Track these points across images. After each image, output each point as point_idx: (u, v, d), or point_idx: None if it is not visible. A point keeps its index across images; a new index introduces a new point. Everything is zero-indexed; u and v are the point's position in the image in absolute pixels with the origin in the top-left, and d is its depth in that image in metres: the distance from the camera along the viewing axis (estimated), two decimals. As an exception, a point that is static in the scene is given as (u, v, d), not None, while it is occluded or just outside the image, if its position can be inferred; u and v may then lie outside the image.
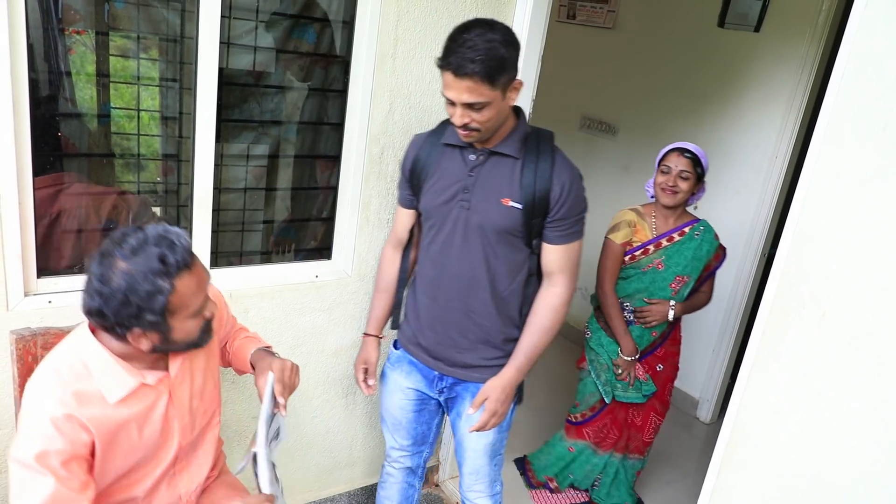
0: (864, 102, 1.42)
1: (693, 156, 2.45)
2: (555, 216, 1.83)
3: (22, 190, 1.74)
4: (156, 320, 1.38)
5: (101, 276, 1.35)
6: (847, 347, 1.46)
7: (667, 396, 2.72)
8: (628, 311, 2.61)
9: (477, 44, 1.62)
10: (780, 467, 1.60)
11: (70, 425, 1.36)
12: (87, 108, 1.95)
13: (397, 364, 2.08)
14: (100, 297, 1.34)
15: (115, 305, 1.34)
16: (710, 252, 2.57)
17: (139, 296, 1.35)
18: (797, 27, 3.22)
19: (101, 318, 1.37)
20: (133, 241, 1.36)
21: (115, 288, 1.34)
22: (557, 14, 4.31)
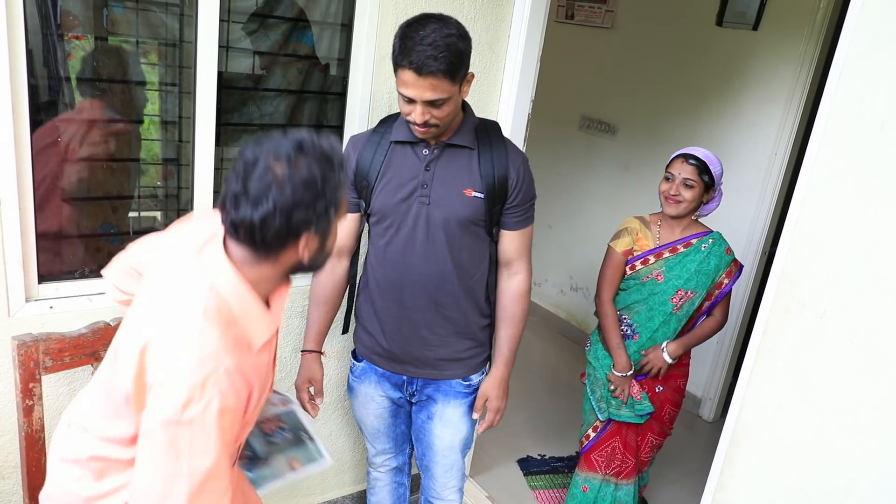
0: (861, 100, 1.42)
1: (699, 163, 2.29)
2: (512, 202, 1.85)
3: (22, 195, 1.74)
4: (332, 218, 1.25)
5: (280, 175, 1.17)
6: (848, 345, 1.46)
7: (665, 419, 2.54)
8: (626, 324, 2.47)
9: (436, 40, 1.60)
10: (782, 465, 1.60)
11: (239, 378, 1.22)
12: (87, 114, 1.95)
13: (363, 375, 2.04)
14: (279, 195, 1.16)
15: (301, 200, 1.17)
16: (720, 267, 2.37)
17: (331, 186, 1.21)
18: (795, 25, 3.22)
19: (264, 229, 1.18)
20: (296, 141, 1.21)
21: (307, 179, 1.18)
22: (556, 14, 4.31)
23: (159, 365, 1.18)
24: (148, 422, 1.17)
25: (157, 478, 1.17)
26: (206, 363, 1.17)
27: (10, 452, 1.89)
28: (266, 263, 1.25)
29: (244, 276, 1.25)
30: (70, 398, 1.94)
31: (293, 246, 1.23)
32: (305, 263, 1.28)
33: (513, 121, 2.44)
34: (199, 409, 1.14)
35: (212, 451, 1.17)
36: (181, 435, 1.14)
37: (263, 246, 1.22)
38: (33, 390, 1.65)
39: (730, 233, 3.51)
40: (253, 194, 1.17)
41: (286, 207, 1.17)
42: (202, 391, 1.15)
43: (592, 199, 4.31)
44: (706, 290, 2.38)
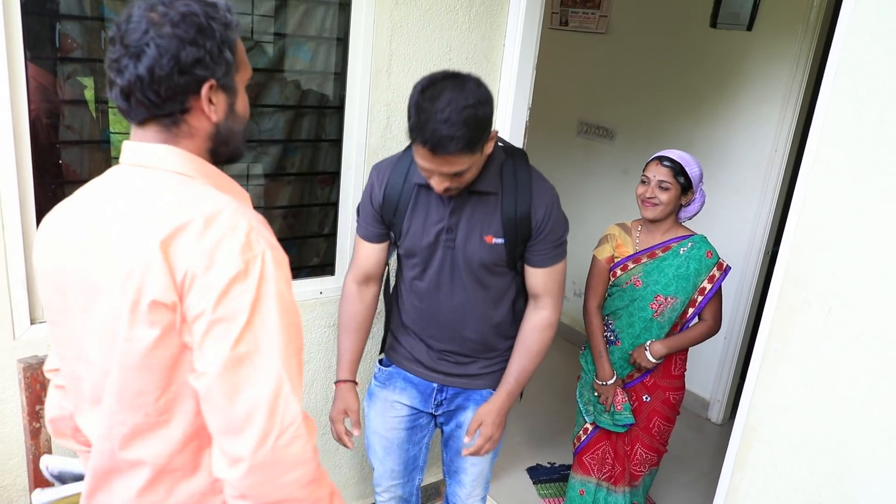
0: (858, 96, 1.42)
1: (674, 164, 2.25)
2: (537, 240, 1.81)
3: (25, 218, 1.74)
4: (229, 61, 1.10)
5: (157, 18, 1.03)
6: (855, 342, 1.46)
7: (655, 433, 2.46)
8: (609, 330, 2.44)
9: (451, 115, 1.49)
10: (794, 465, 1.59)
11: (269, 229, 1.12)
12: (87, 134, 1.96)
13: (388, 381, 2.03)
14: (158, 35, 1.03)
15: (185, 36, 1.04)
16: (701, 271, 2.32)
17: (218, 22, 1.07)
18: (789, 24, 3.23)
19: (154, 80, 1.04)
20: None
21: (185, 13, 1.04)
22: (550, 21, 4.33)
23: (189, 252, 1.02)
24: (206, 312, 1.01)
25: (247, 358, 1.02)
26: (238, 221, 1.04)
27: (19, 475, 1.88)
28: (181, 136, 1.11)
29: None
30: (77, 420, 1.94)
31: (196, 104, 1.09)
32: (221, 131, 1.14)
33: (510, 129, 2.45)
34: (258, 269, 1.03)
35: (289, 309, 1.06)
36: (255, 304, 1.02)
37: (163, 105, 1.07)
38: (40, 413, 1.65)
39: (731, 233, 3.52)
40: (132, 46, 1.03)
41: (169, 46, 1.03)
42: (252, 249, 1.03)
43: (593, 204, 4.32)
44: (687, 296, 2.33)
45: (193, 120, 1.11)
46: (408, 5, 2.16)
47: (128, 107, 1.08)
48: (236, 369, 1.01)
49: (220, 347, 1.01)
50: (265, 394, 1.01)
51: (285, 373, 1.03)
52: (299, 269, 2.37)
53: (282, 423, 1.02)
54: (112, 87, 1.07)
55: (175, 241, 1.02)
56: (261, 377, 1.01)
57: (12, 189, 1.69)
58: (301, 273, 2.36)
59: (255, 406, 1.01)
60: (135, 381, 1.07)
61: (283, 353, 1.03)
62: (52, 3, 1.77)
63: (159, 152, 1.10)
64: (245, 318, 1.01)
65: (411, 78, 2.24)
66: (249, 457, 1.01)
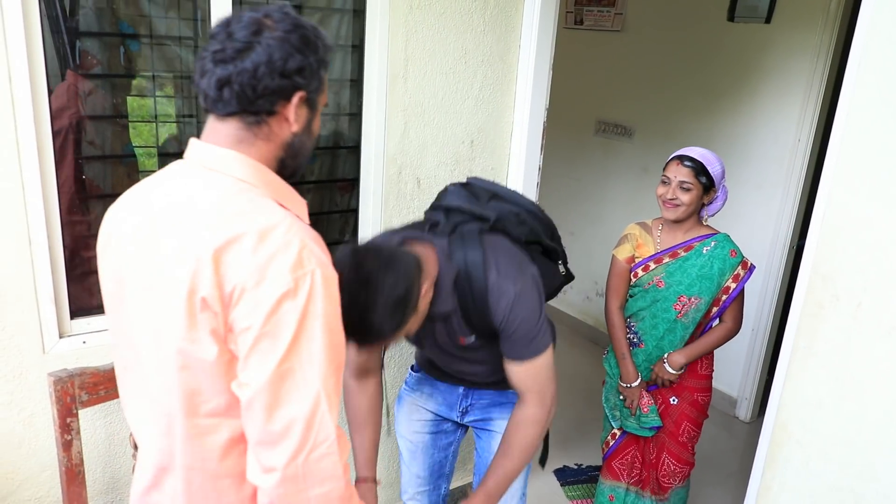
0: (882, 88, 1.40)
1: (695, 164, 2.18)
2: (503, 337, 1.66)
3: (51, 234, 1.77)
4: (322, 79, 1.15)
5: (269, 23, 1.08)
6: (886, 337, 1.43)
7: (684, 440, 2.38)
8: (632, 332, 2.39)
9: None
10: (827, 463, 1.57)
11: (321, 246, 1.14)
12: (109, 149, 1.99)
13: (417, 386, 2.04)
14: (270, 37, 1.07)
15: (295, 45, 1.08)
16: (725, 271, 2.25)
17: (322, 42, 1.13)
18: (809, 15, 3.19)
19: (257, 76, 1.07)
20: (282, 5, 1.14)
21: (297, 24, 1.10)
22: (564, 21, 4.32)
23: (241, 265, 1.03)
24: (253, 327, 1.03)
25: (289, 374, 1.04)
26: (292, 238, 1.05)
27: (52, 487, 1.91)
28: (260, 137, 1.13)
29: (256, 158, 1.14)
30: (107, 431, 1.97)
31: (283, 110, 1.12)
32: (294, 144, 1.17)
33: (528, 130, 2.45)
34: (307, 287, 1.04)
35: (333, 328, 1.08)
36: (302, 322, 1.03)
37: (254, 103, 1.09)
38: (71, 425, 1.68)
39: (755, 228, 3.48)
40: (241, 41, 1.06)
41: (279, 50, 1.07)
42: (303, 267, 1.04)
43: (612, 203, 4.29)
44: (711, 296, 2.27)
45: (275, 125, 1.13)
46: (422, 10, 2.16)
47: (218, 97, 1.09)
48: (279, 384, 1.03)
49: (266, 362, 1.03)
50: (304, 411, 1.03)
51: (324, 392, 1.05)
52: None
53: (316, 438, 1.04)
54: (204, 75, 1.09)
55: (227, 253, 1.04)
56: (301, 394, 1.04)
57: (38, 206, 1.72)
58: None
59: (293, 421, 1.03)
60: (190, 382, 1.10)
61: (324, 372, 1.06)
62: (71, 21, 1.80)
63: (227, 158, 1.12)
64: (291, 336, 1.03)
65: (428, 82, 2.24)
66: (282, 468, 1.03)
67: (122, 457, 2.01)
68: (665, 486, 2.46)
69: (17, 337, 1.77)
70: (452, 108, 2.33)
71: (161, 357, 1.13)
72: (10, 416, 1.81)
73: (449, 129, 2.34)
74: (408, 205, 2.33)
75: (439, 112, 2.30)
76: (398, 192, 2.30)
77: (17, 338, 1.77)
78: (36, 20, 1.65)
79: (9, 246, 1.71)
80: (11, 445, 1.84)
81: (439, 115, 2.30)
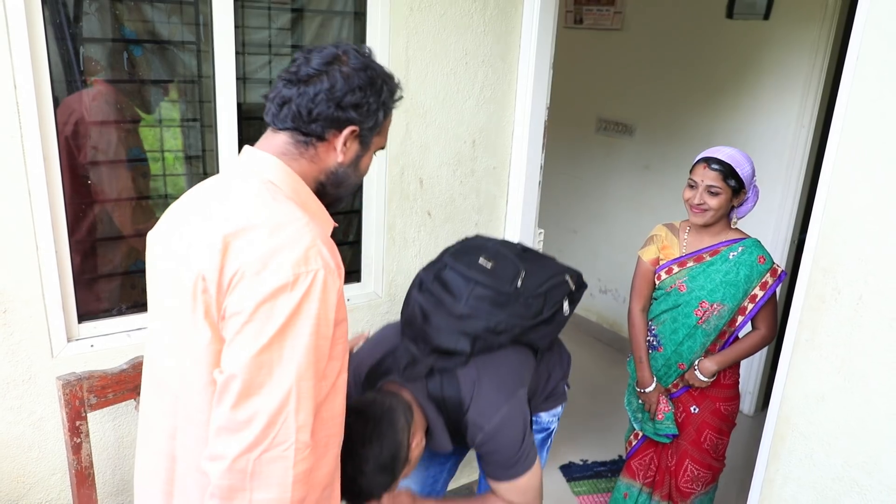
0: (881, 82, 1.41)
1: (723, 167, 2.08)
2: (485, 461, 1.65)
3: (58, 239, 1.79)
4: (379, 120, 1.23)
5: (344, 57, 1.18)
6: (888, 330, 1.44)
7: (706, 448, 2.31)
8: (652, 335, 2.33)
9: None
10: (830, 456, 1.58)
11: (334, 251, 1.17)
12: (113, 155, 2.00)
13: None
14: (339, 71, 1.16)
15: (358, 84, 1.17)
16: (752, 277, 2.15)
17: (388, 86, 1.23)
18: (807, 11, 3.20)
19: (316, 101, 1.16)
20: (359, 49, 1.23)
21: (367, 65, 1.19)
22: (564, 20, 4.33)
23: (248, 252, 1.06)
24: (244, 312, 1.05)
25: (267, 365, 1.04)
26: (303, 235, 1.09)
27: (63, 490, 1.93)
28: (305, 157, 1.20)
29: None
30: (116, 433, 1.98)
31: (333, 139, 1.19)
32: (338, 174, 1.22)
33: (530, 129, 2.46)
34: (306, 285, 1.05)
35: (323, 334, 1.08)
36: (291, 317, 1.04)
37: (307, 125, 1.17)
38: (80, 428, 1.69)
39: (756, 223, 3.49)
40: (313, 69, 1.16)
41: (341, 84, 1.16)
42: (307, 265, 1.06)
43: (614, 200, 4.30)
44: (736, 303, 2.17)
45: (322, 150, 1.20)
46: (422, 12, 2.17)
47: (278, 112, 1.19)
48: (255, 373, 1.04)
49: (247, 348, 1.04)
50: (270, 405, 1.04)
51: (296, 390, 1.05)
52: (325, 277, 2.40)
53: (275, 438, 1.04)
54: (274, 89, 1.20)
55: (237, 239, 1.07)
56: (272, 388, 1.04)
57: (44, 211, 1.74)
58: (327, 281, 2.39)
59: (257, 413, 1.04)
60: (202, 375, 1.13)
61: (301, 373, 1.05)
62: (75, 27, 1.81)
63: (266, 161, 1.19)
64: (277, 328, 1.04)
65: (429, 83, 2.26)
66: (233, 459, 1.03)
67: (132, 459, 2.02)
68: (686, 491, 2.37)
69: (26, 341, 1.79)
70: (454, 109, 2.34)
71: (170, 342, 1.19)
72: (19, 420, 1.83)
73: (451, 129, 2.35)
74: (411, 205, 2.35)
75: (441, 112, 2.31)
76: (401, 192, 2.32)
77: (26, 342, 1.79)
78: (40, 27, 1.67)
79: (16, 251, 1.72)
80: (21, 449, 1.85)
81: (441, 115, 2.32)
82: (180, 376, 1.18)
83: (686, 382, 2.28)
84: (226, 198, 1.16)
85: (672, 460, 2.39)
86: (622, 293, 4.34)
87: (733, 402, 2.33)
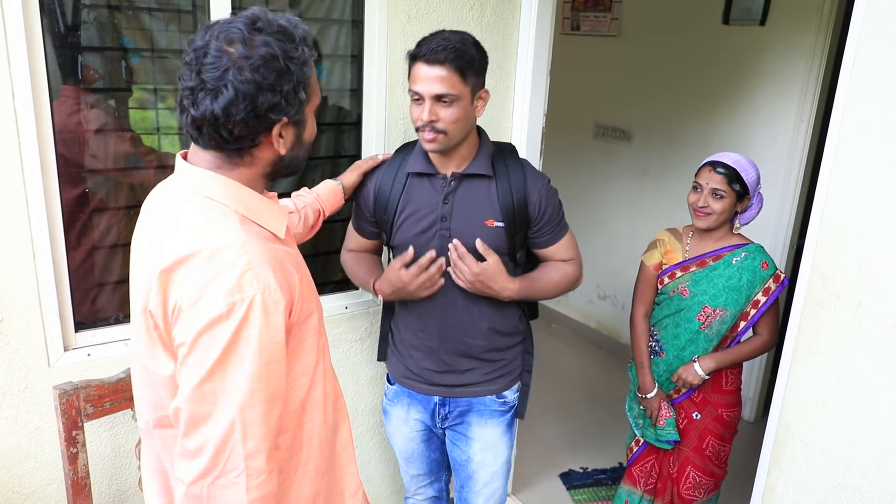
0: (878, 87, 1.41)
1: (728, 171, 2.11)
2: (538, 224, 1.85)
3: (55, 247, 1.78)
4: (303, 100, 1.12)
5: (236, 55, 1.04)
6: (887, 335, 1.44)
7: (708, 454, 2.30)
8: (654, 340, 2.34)
9: (449, 37, 1.66)
10: (831, 462, 1.57)
11: (278, 269, 1.14)
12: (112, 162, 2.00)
13: (396, 398, 2.04)
14: (238, 78, 1.04)
15: (264, 81, 1.05)
16: (755, 283, 2.16)
17: (296, 63, 1.08)
18: (803, 17, 3.21)
19: (229, 120, 1.06)
20: (248, 18, 1.08)
21: (265, 56, 1.05)
22: (561, 27, 4.34)
23: (185, 284, 1.06)
24: (184, 345, 1.05)
25: (210, 396, 1.05)
26: (238, 260, 1.06)
27: (59, 500, 1.92)
28: (241, 165, 1.14)
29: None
30: (112, 443, 1.97)
31: (266, 139, 1.12)
32: (285, 159, 1.17)
33: (527, 135, 2.46)
34: (241, 313, 1.03)
35: (268, 357, 1.07)
36: (229, 347, 1.03)
37: (234, 142, 1.10)
38: (76, 438, 1.68)
39: (754, 228, 3.47)
40: (209, 83, 1.05)
41: (249, 91, 1.05)
42: (241, 292, 1.04)
43: (613, 206, 4.30)
44: (739, 309, 2.18)
45: (259, 152, 1.14)
46: (419, 20, 2.17)
47: (199, 136, 1.11)
48: (198, 404, 1.05)
49: (189, 380, 1.05)
50: (216, 435, 1.05)
51: (240, 420, 1.05)
52: (324, 284, 2.39)
53: (225, 466, 1.05)
54: (184, 113, 1.10)
55: (175, 272, 1.07)
56: (216, 418, 1.05)
57: (41, 219, 1.73)
58: (326, 289, 2.38)
59: (205, 443, 1.05)
60: (155, 396, 1.18)
61: (245, 401, 1.05)
62: (74, 35, 1.81)
63: (199, 177, 1.14)
64: (215, 358, 1.04)
65: (426, 90, 2.26)
66: (187, 485, 1.06)
67: (129, 469, 2.01)
68: (688, 499, 2.37)
69: (22, 350, 1.78)
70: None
71: (137, 368, 1.21)
72: (15, 429, 1.82)
73: (448, 136, 2.35)
74: (409, 212, 2.34)
75: (438, 119, 2.31)
76: (399, 199, 2.31)
77: (22, 351, 1.78)
78: (38, 36, 1.67)
79: (13, 259, 1.72)
80: (17, 459, 1.84)
81: (438, 122, 2.31)
82: (154, 404, 1.21)
83: (681, 381, 2.25)
84: (172, 224, 1.12)
85: (674, 467, 2.38)
86: (621, 299, 4.34)
87: (735, 408, 2.32)
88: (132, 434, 1.98)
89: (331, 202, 1.85)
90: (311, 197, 1.82)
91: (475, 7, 2.27)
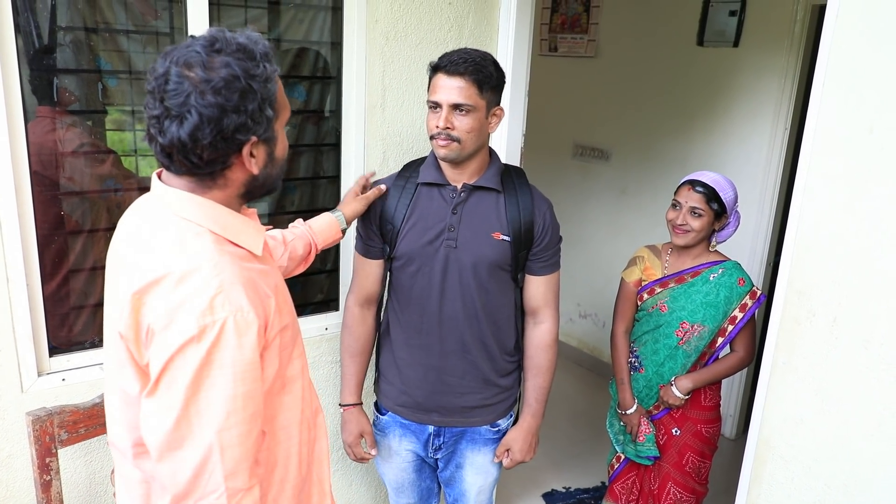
0: (847, 107, 1.44)
1: (707, 190, 2.15)
2: (538, 247, 1.87)
3: (29, 271, 1.75)
4: (270, 117, 1.11)
5: (197, 80, 1.03)
6: (862, 351, 1.45)
7: (688, 471, 2.31)
8: (634, 356, 2.36)
9: (470, 52, 1.73)
10: (810, 478, 1.58)
11: (251, 289, 1.12)
12: (87, 185, 1.98)
13: (387, 429, 2.00)
14: (201, 102, 1.03)
15: (227, 103, 1.04)
16: (732, 299, 2.20)
17: (259, 81, 1.07)
18: (775, 38, 3.28)
19: (197, 146, 1.05)
20: (206, 40, 1.07)
21: (227, 78, 1.04)
22: (539, 48, 4.39)
23: (157, 307, 1.05)
24: (156, 368, 1.04)
25: (184, 420, 1.03)
26: (210, 282, 1.05)
27: (31, 530, 1.87)
28: (215, 188, 1.13)
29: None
30: (87, 470, 1.94)
31: (238, 160, 1.11)
32: (259, 178, 1.16)
33: (506, 156, 2.47)
34: (213, 336, 1.02)
35: (243, 378, 1.06)
36: (201, 370, 1.03)
37: (205, 167, 1.09)
38: (50, 465, 1.65)
39: (731, 245, 3.51)
40: (173, 109, 1.04)
41: (213, 114, 1.04)
42: (213, 314, 1.03)
43: (592, 225, 4.33)
44: (716, 325, 2.22)
45: (231, 173, 1.14)
46: (398, 41, 2.19)
47: (170, 163, 1.11)
48: (172, 429, 1.04)
49: (162, 405, 1.05)
50: (193, 460, 1.04)
51: (217, 444, 1.04)
52: (304, 305, 2.38)
53: (205, 489, 1.05)
54: (152, 141, 1.10)
55: (147, 295, 1.07)
56: (193, 442, 1.04)
57: (15, 243, 1.70)
58: (306, 310, 2.37)
59: (181, 468, 1.04)
60: (129, 418, 1.16)
61: (221, 424, 1.05)
62: (49, 57, 1.80)
63: (174, 197, 1.13)
64: (188, 382, 1.03)
65: (406, 110, 2.27)
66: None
67: (104, 496, 1.97)
68: None
69: (-5, 376, 1.74)
70: (431, 136, 2.35)
71: (111, 391, 1.20)
72: (-13, 457, 1.78)
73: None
74: (389, 232, 2.34)
75: (418, 140, 2.32)
76: (379, 220, 2.31)
77: (-5, 377, 1.74)
78: (13, 57, 1.65)
79: (-14, 284, 1.69)
80: (-11, 488, 1.80)
81: (418, 143, 2.32)
82: (132, 425, 1.18)
83: (662, 401, 2.28)
84: (145, 246, 1.12)
85: (655, 483, 2.38)
86: (602, 317, 4.35)
87: (714, 424, 2.34)
88: (107, 461, 1.94)
89: (325, 235, 1.80)
90: (302, 230, 1.78)
91: (453, 29, 2.29)
